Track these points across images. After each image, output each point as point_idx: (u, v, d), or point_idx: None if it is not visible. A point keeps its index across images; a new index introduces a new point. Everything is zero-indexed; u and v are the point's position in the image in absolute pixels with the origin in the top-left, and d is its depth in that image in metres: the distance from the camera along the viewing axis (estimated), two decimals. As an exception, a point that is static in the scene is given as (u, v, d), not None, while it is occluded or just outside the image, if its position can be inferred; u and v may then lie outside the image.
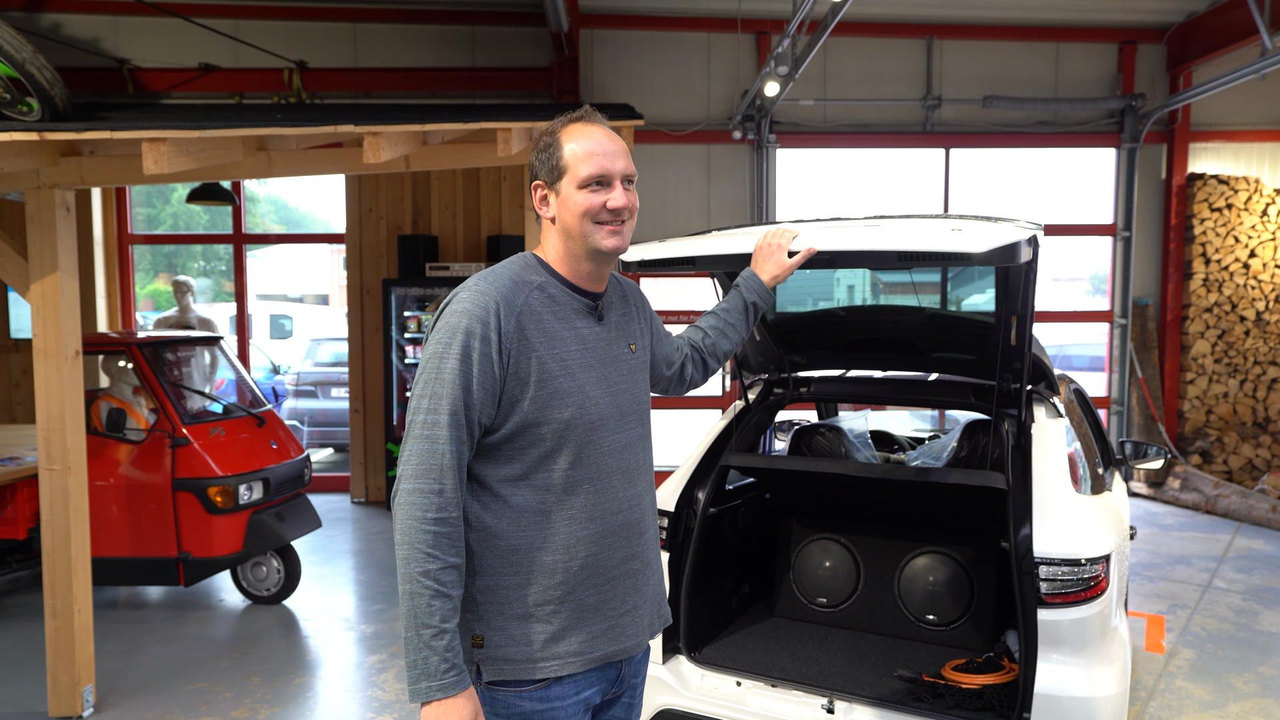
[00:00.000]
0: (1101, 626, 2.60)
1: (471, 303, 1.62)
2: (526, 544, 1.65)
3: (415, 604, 1.54)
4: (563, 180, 1.71)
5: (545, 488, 1.66)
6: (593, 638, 1.70)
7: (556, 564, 1.66)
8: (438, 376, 1.60)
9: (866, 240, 2.30)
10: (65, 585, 3.81)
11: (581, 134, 1.71)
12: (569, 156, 1.70)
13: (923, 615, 3.34)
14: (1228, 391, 8.40)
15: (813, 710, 2.80)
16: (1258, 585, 5.71)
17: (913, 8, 8.09)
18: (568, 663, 1.67)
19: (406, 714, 3.96)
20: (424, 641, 1.54)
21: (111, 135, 3.28)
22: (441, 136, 4.46)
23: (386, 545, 6.74)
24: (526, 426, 1.64)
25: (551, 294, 1.71)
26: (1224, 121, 8.46)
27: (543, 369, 1.64)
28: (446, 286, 7.40)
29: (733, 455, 3.22)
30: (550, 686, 1.67)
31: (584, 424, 1.67)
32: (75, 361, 3.82)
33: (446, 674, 1.55)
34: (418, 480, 1.57)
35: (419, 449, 1.58)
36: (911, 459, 3.73)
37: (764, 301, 2.18)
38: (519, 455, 1.65)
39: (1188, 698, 4.07)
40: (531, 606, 1.65)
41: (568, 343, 1.69)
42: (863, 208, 8.74)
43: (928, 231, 2.26)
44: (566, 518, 1.67)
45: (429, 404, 1.60)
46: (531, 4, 7.68)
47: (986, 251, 2.11)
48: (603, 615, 1.71)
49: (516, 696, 1.66)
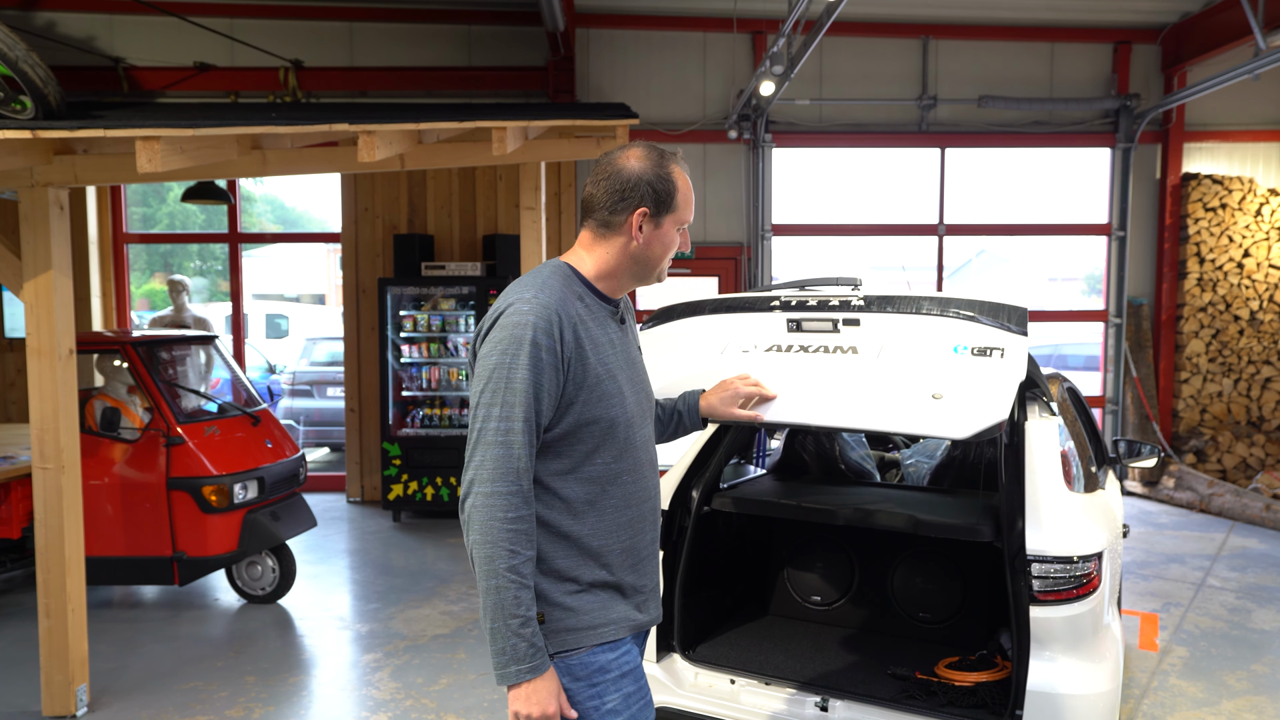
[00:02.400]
0: (1093, 624, 2.61)
1: (535, 314, 1.71)
2: (576, 531, 1.79)
3: (503, 597, 1.66)
4: (668, 216, 1.84)
5: (591, 479, 1.80)
6: (630, 610, 1.87)
7: (603, 548, 1.82)
8: (508, 385, 1.69)
9: (838, 415, 2.20)
10: (59, 584, 3.80)
11: (684, 178, 1.87)
12: (680, 197, 1.85)
13: (916, 613, 3.35)
14: (1222, 390, 8.43)
15: (806, 708, 2.81)
16: (1251, 583, 5.73)
17: (908, 7, 8.10)
18: (620, 627, 1.84)
19: (401, 713, 3.96)
20: (512, 630, 1.67)
21: (105, 134, 3.28)
22: (437, 135, 4.46)
23: (382, 544, 6.74)
24: (579, 425, 1.77)
25: (589, 304, 1.85)
26: (1218, 121, 8.49)
27: (593, 373, 1.78)
28: (442, 286, 7.40)
29: (717, 496, 3.17)
30: (614, 643, 1.83)
31: (623, 421, 1.83)
32: (69, 360, 3.81)
33: (534, 657, 1.69)
34: (496, 484, 1.68)
35: (494, 454, 1.69)
36: (905, 457, 3.74)
37: (690, 422, 2.25)
38: (568, 451, 1.78)
39: (1181, 695, 4.09)
40: (584, 585, 1.81)
41: (604, 347, 1.83)
42: (857, 211, 8.76)
43: (906, 406, 2.12)
44: (610, 506, 1.83)
45: (501, 411, 1.69)
46: (528, 4, 7.68)
47: (969, 437, 2.04)
48: (637, 591, 1.89)
49: (590, 654, 1.81)
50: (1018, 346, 2.24)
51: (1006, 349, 2.23)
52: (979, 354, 2.24)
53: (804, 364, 2.40)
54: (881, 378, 2.27)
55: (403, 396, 7.51)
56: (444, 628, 4.98)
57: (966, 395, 2.10)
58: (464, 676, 4.32)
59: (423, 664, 4.48)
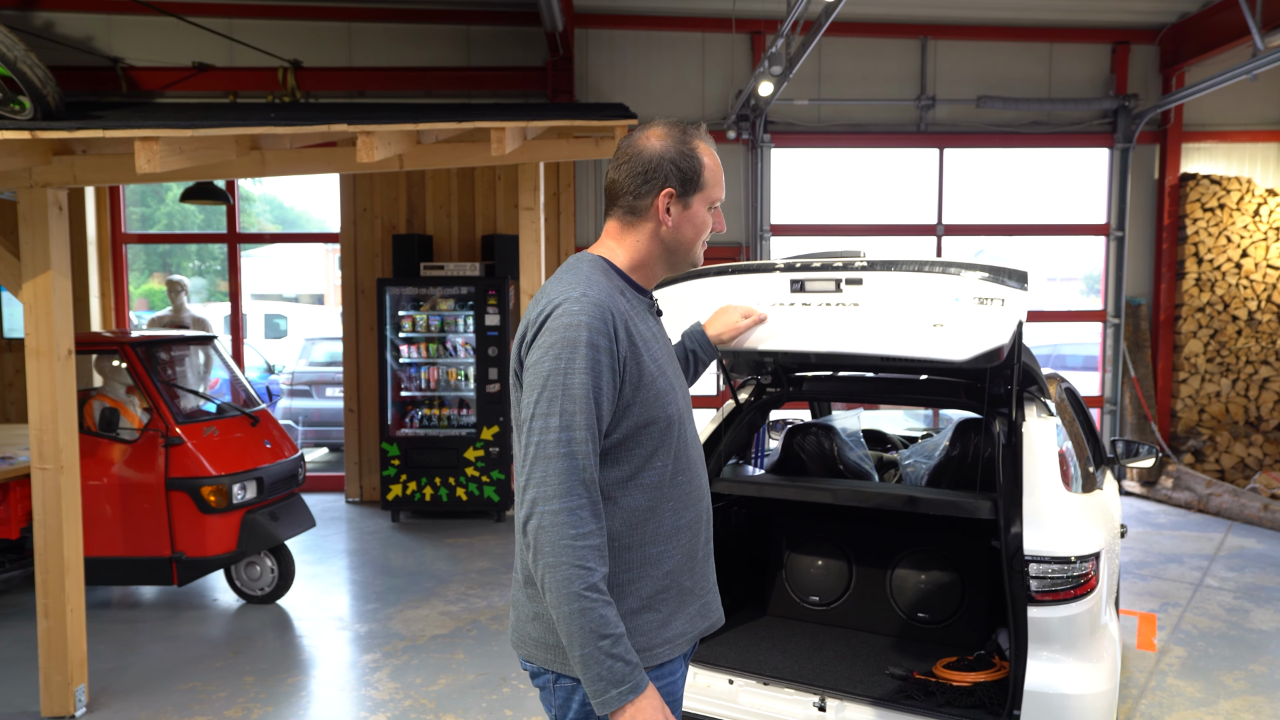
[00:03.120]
0: (1091, 624, 2.61)
1: (587, 313, 1.59)
2: (638, 540, 1.68)
3: (587, 620, 1.53)
4: (696, 195, 1.73)
5: (652, 485, 1.69)
6: (691, 619, 1.77)
7: (663, 554, 1.71)
8: (565, 393, 1.56)
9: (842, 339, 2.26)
10: (58, 585, 3.80)
11: (710, 154, 1.74)
12: (708, 174, 1.73)
13: (914, 613, 3.36)
14: (1220, 391, 8.44)
15: (804, 708, 2.81)
16: (1249, 583, 5.74)
17: (907, 8, 8.11)
18: (676, 645, 1.73)
19: (400, 713, 3.97)
20: (605, 651, 1.54)
21: (104, 134, 3.28)
22: (436, 136, 4.46)
23: (381, 545, 6.75)
24: (638, 428, 1.65)
25: (629, 298, 1.73)
26: (1216, 122, 8.50)
27: (646, 371, 1.66)
28: (441, 286, 7.40)
29: (718, 481, 3.21)
30: (664, 665, 1.72)
31: (678, 418, 1.73)
32: (68, 361, 3.81)
33: (632, 675, 1.56)
34: (564, 499, 1.54)
35: (559, 467, 1.55)
36: (904, 458, 3.74)
37: (704, 353, 2.23)
38: (627, 456, 1.66)
39: (1178, 695, 4.09)
40: (645, 599, 1.69)
41: (652, 343, 1.72)
42: (856, 211, 8.76)
43: (908, 331, 2.20)
44: (670, 510, 1.72)
45: (561, 420, 1.56)
46: (526, 3, 7.68)
47: (969, 359, 2.09)
48: (696, 595, 1.78)
49: None
50: (1018, 298, 2.26)
51: (1007, 299, 2.26)
52: (980, 302, 2.28)
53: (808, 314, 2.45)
54: (883, 318, 2.31)
55: (401, 397, 7.51)
56: (442, 628, 4.98)
57: (966, 326, 2.15)
58: (463, 677, 4.32)
59: (421, 664, 4.48)
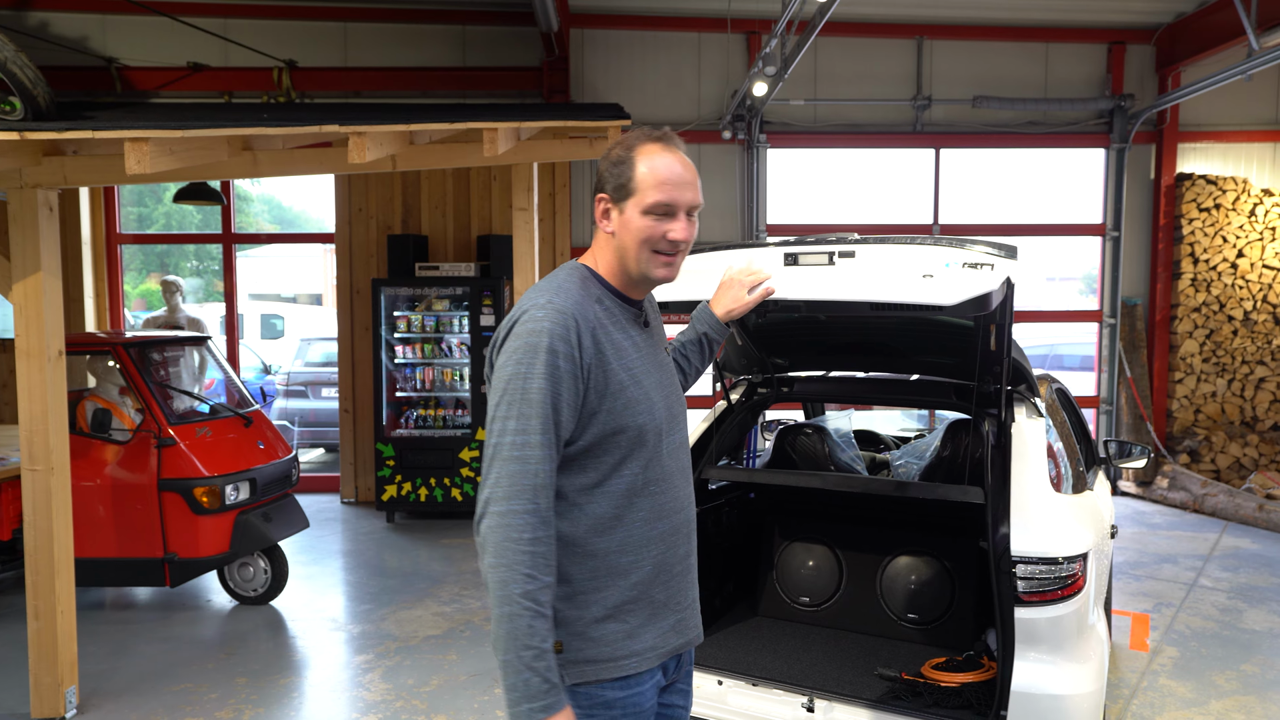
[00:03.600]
0: (1078, 624, 2.61)
1: (550, 320, 1.61)
2: (603, 548, 1.68)
3: (515, 626, 1.53)
4: (629, 201, 1.70)
5: (619, 493, 1.68)
6: (663, 633, 1.75)
7: (630, 565, 1.70)
8: (523, 397, 1.58)
9: (834, 289, 2.30)
10: (48, 586, 3.80)
11: (657, 157, 1.70)
12: (640, 178, 1.69)
13: (904, 614, 3.36)
14: (1215, 391, 8.44)
15: (793, 709, 2.81)
16: (1243, 584, 5.74)
17: (903, 8, 8.10)
18: (644, 659, 1.72)
19: (391, 714, 3.96)
20: (525, 663, 1.54)
21: (94, 135, 3.28)
22: (429, 136, 4.45)
23: (376, 546, 6.74)
24: (604, 436, 1.65)
25: (608, 306, 1.73)
26: (1212, 122, 8.50)
27: (616, 380, 1.66)
28: (436, 286, 7.40)
29: (710, 468, 3.22)
30: (630, 677, 1.71)
31: (652, 429, 1.71)
32: (58, 362, 3.81)
33: (548, 694, 1.55)
34: (512, 502, 1.56)
35: (510, 470, 1.57)
36: (895, 458, 3.74)
37: (716, 333, 2.19)
38: (594, 464, 1.67)
39: (1170, 695, 4.09)
40: (610, 609, 1.69)
41: (629, 352, 1.72)
42: (851, 211, 8.76)
43: (899, 281, 2.25)
44: (639, 520, 1.70)
45: (516, 424, 1.58)
46: (521, 4, 7.68)
47: (957, 304, 2.12)
48: (670, 610, 1.77)
49: (599, 688, 1.70)
50: (1007, 264, 2.30)
51: (996, 265, 2.31)
52: (969, 266, 2.33)
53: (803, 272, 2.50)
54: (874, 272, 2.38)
55: (396, 397, 7.51)
56: (436, 629, 4.98)
57: (955, 278, 2.22)
58: (455, 678, 4.32)
59: (414, 665, 4.48)
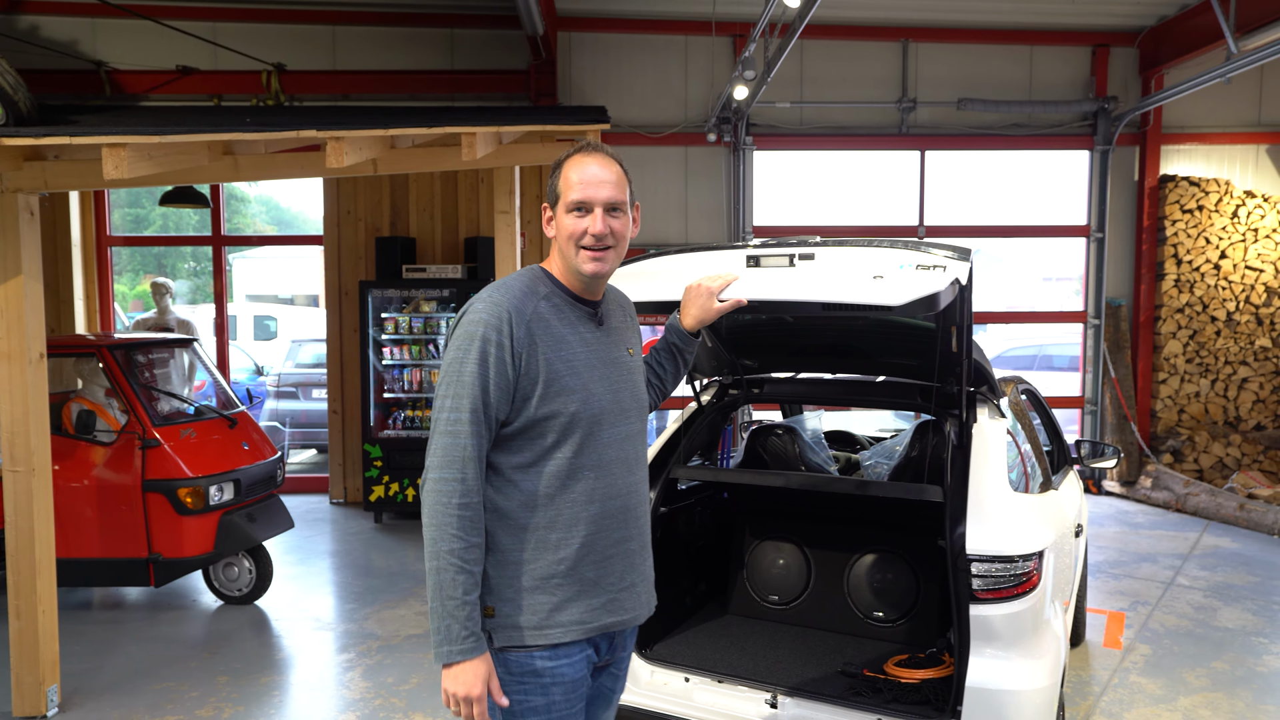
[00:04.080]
0: (1033, 621, 2.66)
1: (487, 312, 1.82)
2: (534, 523, 1.85)
3: (441, 578, 1.76)
4: (559, 204, 1.92)
5: (551, 474, 1.85)
6: (592, 609, 1.89)
7: (559, 541, 1.86)
8: (459, 379, 1.80)
9: (790, 289, 2.37)
10: (29, 586, 3.84)
11: (578, 163, 1.92)
12: (563, 183, 1.92)
13: (870, 612, 3.41)
14: (1199, 391, 8.50)
15: (757, 705, 2.86)
16: (1220, 582, 5.80)
17: (888, 11, 8.16)
18: (570, 630, 1.87)
19: (370, 712, 4.01)
20: (448, 611, 1.75)
21: (71, 141, 3.33)
22: (411, 140, 4.50)
23: (363, 546, 6.79)
24: (537, 420, 1.83)
25: (556, 303, 1.91)
26: (1195, 124, 8.56)
27: (550, 369, 1.84)
28: (423, 288, 7.45)
29: (678, 467, 3.27)
30: (558, 646, 1.87)
31: (587, 417, 1.87)
32: (39, 364, 3.85)
33: (466, 639, 1.76)
34: (443, 470, 1.78)
35: (443, 443, 1.79)
36: (865, 458, 3.79)
37: (685, 344, 2.28)
38: (529, 445, 1.85)
39: (1139, 692, 4.15)
40: (538, 580, 1.85)
41: (572, 345, 1.89)
42: (838, 213, 8.81)
43: (849, 282, 2.30)
44: (570, 501, 1.86)
45: (451, 403, 1.80)
46: (508, 7, 7.72)
47: (904, 305, 2.17)
48: (601, 589, 1.90)
49: (528, 656, 1.86)
50: (958, 266, 2.37)
51: (948, 267, 2.37)
52: (921, 268, 2.40)
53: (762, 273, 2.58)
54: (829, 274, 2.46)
55: (384, 398, 7.55)
56: (418, 628, 5.02)
57: (905, 279, 2.29)
58: (435, 676, 4.36)
59: (394, 664, 4.53)
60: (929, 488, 2.86)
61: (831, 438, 4.42)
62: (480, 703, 1.78)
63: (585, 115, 5.01)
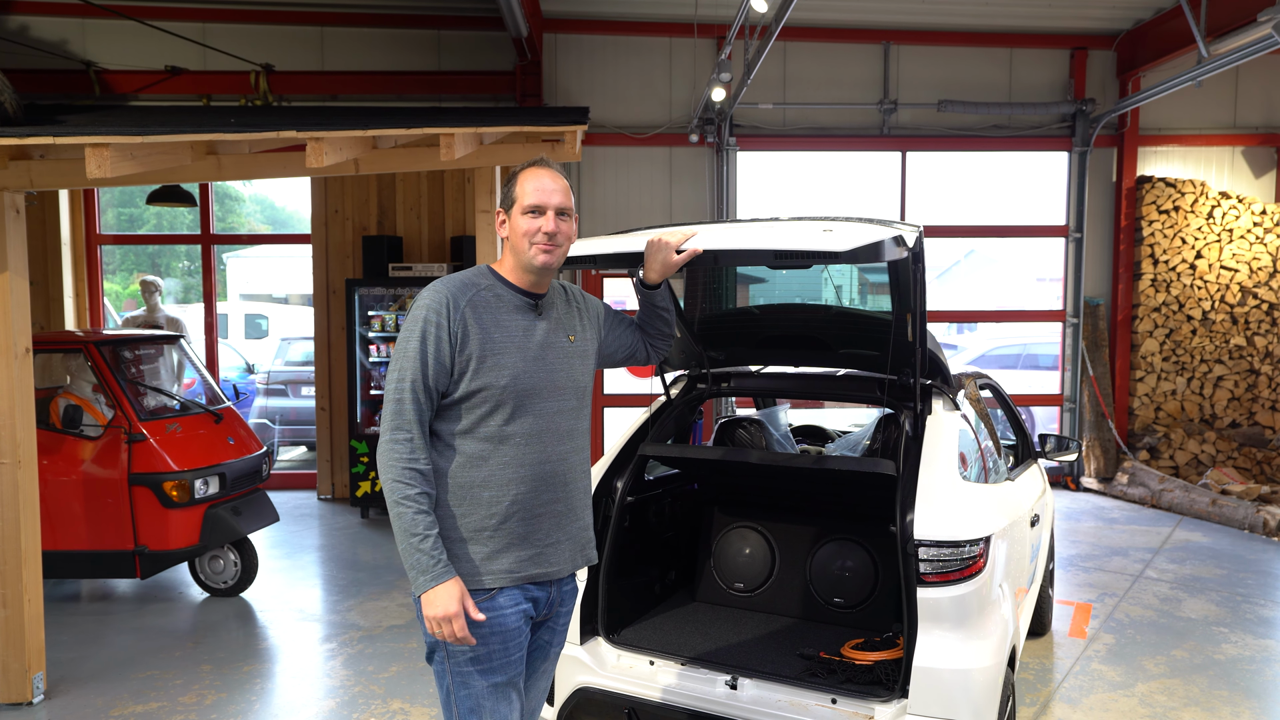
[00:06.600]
0: (979, 603, 2.77)
1: (429, 298, 2.14)
2: (469, 481, 2.13)
3: (403, 521, 2.04)
4: (514, 208, 2.22)
5: (486, 438, 2.14)
6: (520, 561, 2.16)
7: (491, 499, 2.13)
8: (404, 355, 2.11)
9: (744, 240, 2.49)
10: (15, 575, 3.93)
11: (532, 175, 2.22)
12: (519, 190, 2.22)
13: (831, 598, 3.52)
14: (1175, 389, 8.63)
15: (717, 686, 2.96)
16: (1187, 575, 5.92)
17: (869, 13, 8.27)
18: (500, 577, 2.14)
19: (349, 698, 4.11)
20: (415, 546, 2.03)
21: (54, 141, 3.42)
22: (392, 141, 4.59)
23: (349, 540, 6.88)
24: (472, 391, 2.12)
25: (498, 293, 2.20)
26: (1172, 126, 8.69)
27: (483, 348, 2.13)
28: (410, 287, 7.54)
29: (648, 445, 3.38)
30: (495, 597, 2.14)
31: (517, 390, 2.15)
32: (25, 359, 3.94)
33: (435, 566, 2.03)
34: (394, 432, 2.08)
35: (392, 409, 2.10)
36: (830, 450, 3.91)
37: (651, 298, 2.49)
38: (466, 414, 2.14)
39: (1099, 678, 4.26)
40: (472, 531, 2.13)
41: (509, 328, 2.18)
42: (820, 212, 8.93)
43: (800, 232, 2.43)
44: (501, 463, 2.14)
45: (397, 375, 2.11)
46: (494, 9, 7.82)
47: (850, 250, 2.28)
48: (529, 544, 2.17)
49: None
50: (905, 229, 2.55)
51: (894, 226, 2.55)
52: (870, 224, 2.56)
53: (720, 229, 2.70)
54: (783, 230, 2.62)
55: (371, 395, 7.64)
56: (399, 619, 5.12)
57: (852, 229, 2.43)
58: (414, 664, 4.46)
59: (375, 653, 4.62)
60: (882, 461, 2.98)
61: (803, 432, 4.53)
62: (459, 618, 2.02)
63: (565, 116, 5.11)
